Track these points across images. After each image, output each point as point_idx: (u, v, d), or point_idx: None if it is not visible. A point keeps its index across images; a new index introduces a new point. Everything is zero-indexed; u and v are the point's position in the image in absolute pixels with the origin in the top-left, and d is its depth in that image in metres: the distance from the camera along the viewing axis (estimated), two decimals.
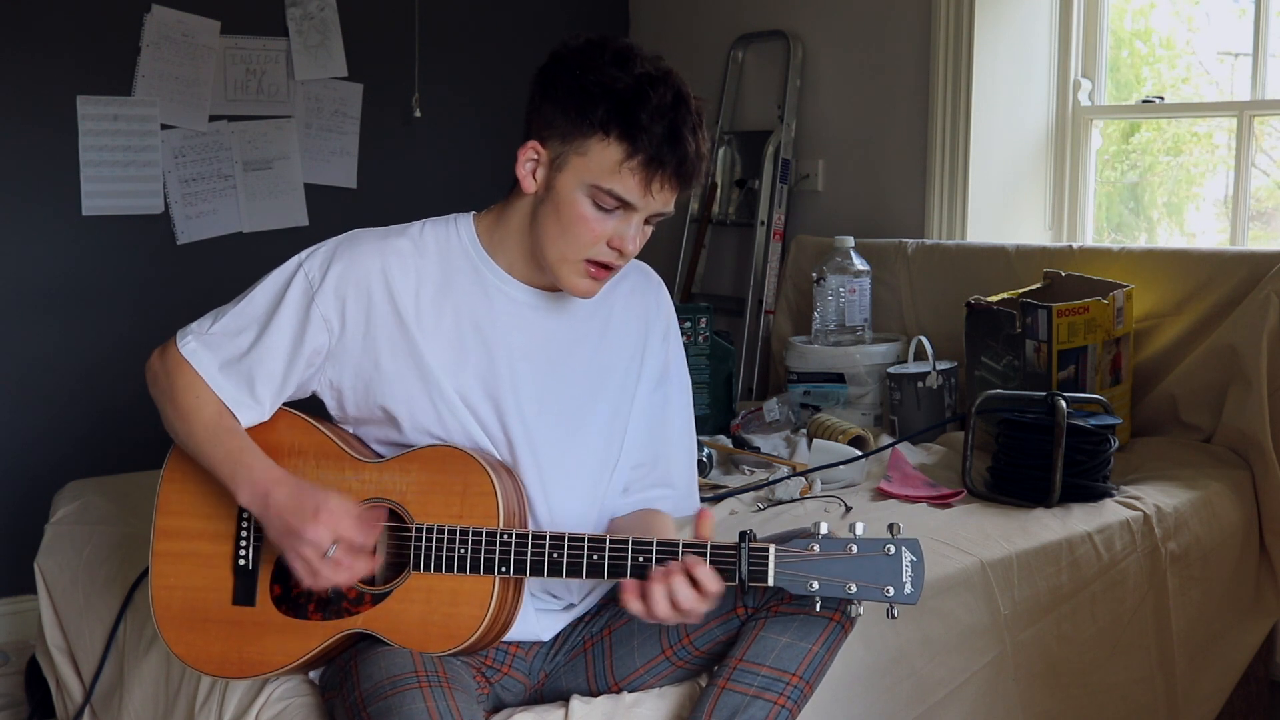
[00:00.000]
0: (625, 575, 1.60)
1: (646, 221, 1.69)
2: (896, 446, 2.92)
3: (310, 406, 1.79)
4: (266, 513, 1.64)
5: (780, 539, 1.65)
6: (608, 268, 1.69)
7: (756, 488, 2.70)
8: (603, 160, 1.62)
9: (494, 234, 1.76)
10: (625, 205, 1.64)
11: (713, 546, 1.58)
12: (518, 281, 1.76)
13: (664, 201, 1.66)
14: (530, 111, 1.69)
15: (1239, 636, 2.72)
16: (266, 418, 1.74)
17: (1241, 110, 3.18)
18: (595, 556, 1.61)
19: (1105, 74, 3.51)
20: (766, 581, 1.56)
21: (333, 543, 1.59)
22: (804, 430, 3.06)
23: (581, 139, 1.63)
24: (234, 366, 1.71)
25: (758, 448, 2.96)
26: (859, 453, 2.80)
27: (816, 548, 1.56)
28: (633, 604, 1.58)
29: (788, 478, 2.70)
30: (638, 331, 1.86)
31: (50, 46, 3.41)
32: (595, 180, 1.62)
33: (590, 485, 1.81)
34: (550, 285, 1.76)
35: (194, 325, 1.75)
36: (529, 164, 1.68)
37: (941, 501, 2.58)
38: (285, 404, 1.77)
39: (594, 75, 1.62)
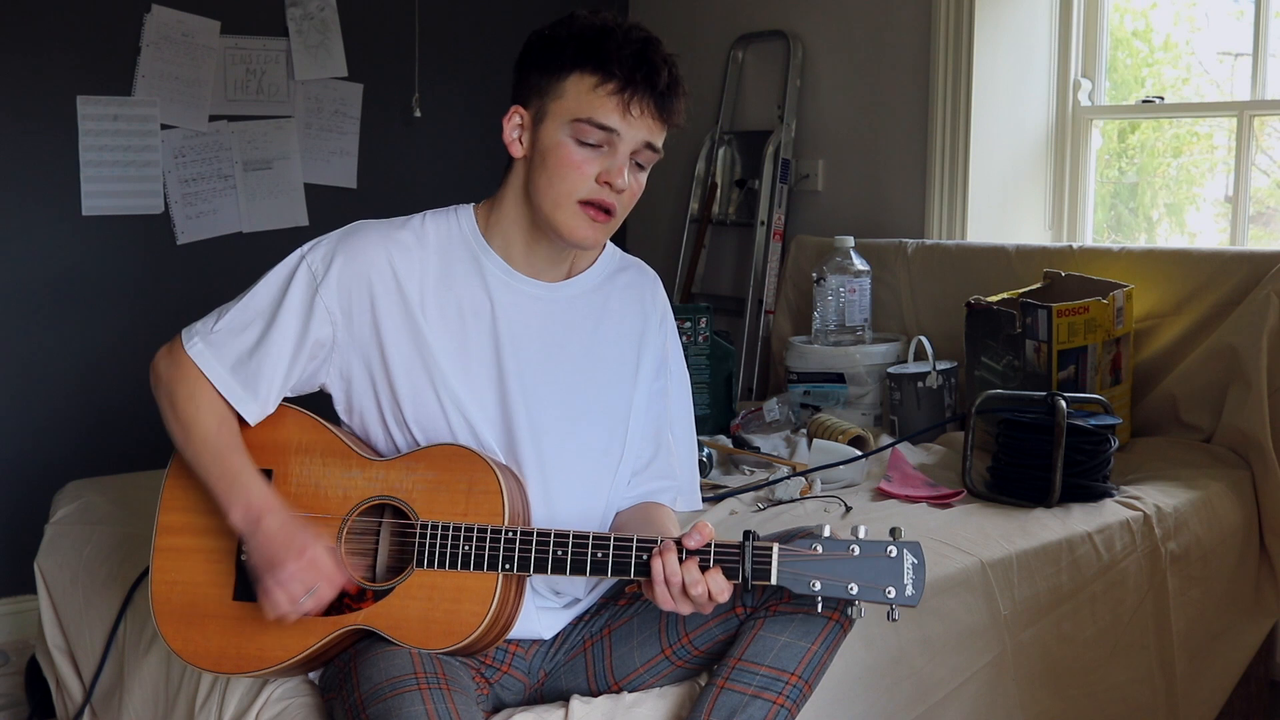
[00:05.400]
0: (629, 573, 1.61)
1: (636, 163, 1.71)
2: (896, 446, 2.93)
3: (316, 406, 1.79)
4: (255, 537, 1.65)
5: (782, 538, 1.66)
6: (604, 209, 1.70)
7: (756, 488, 2.70)
8: (579, 92, 1.67)
9: (490, 220, 1.78)
10: (608, 134, 1.67)
11: (716, 545, 1.59)
12: (515, 270, 1.77)
13: (646, 129, 1.68)
14: (513, 87, 1.75)
15: (1239, 636, 2.72)
16: (271, 411, 1.75)
17: (1241, 110, 3.18)
18: (599, 554, 1.62)
19: (1105, 74, 3.51)
20: (770, 580, 1.56)
21: (308, 591, 1.62)
22: (804, 430, 3.06)
23: (557, 83, 1.68)
24: (242, 366, 1.71)
25: (758, 448, 2.96)
26: (859, 453, 2.80)
27: (819, 548, 1.57)
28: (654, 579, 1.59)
29: (788, 478, 2.70)
30: (634, 323, 1.86)
31: (50, 46, 3.41)
32: (575, 114, 1.67)
33: (593, 477, 1.81)
34: (544, 269, 1.78)
35: (198, 325, 1.75)
36: (514, 130, 1.73)
37: (941, 501, 2.58)
38: (293, 402, 1.78)
39: (563, 28, 1.69)
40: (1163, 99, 3.40)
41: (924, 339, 3.17)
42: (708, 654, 1.75)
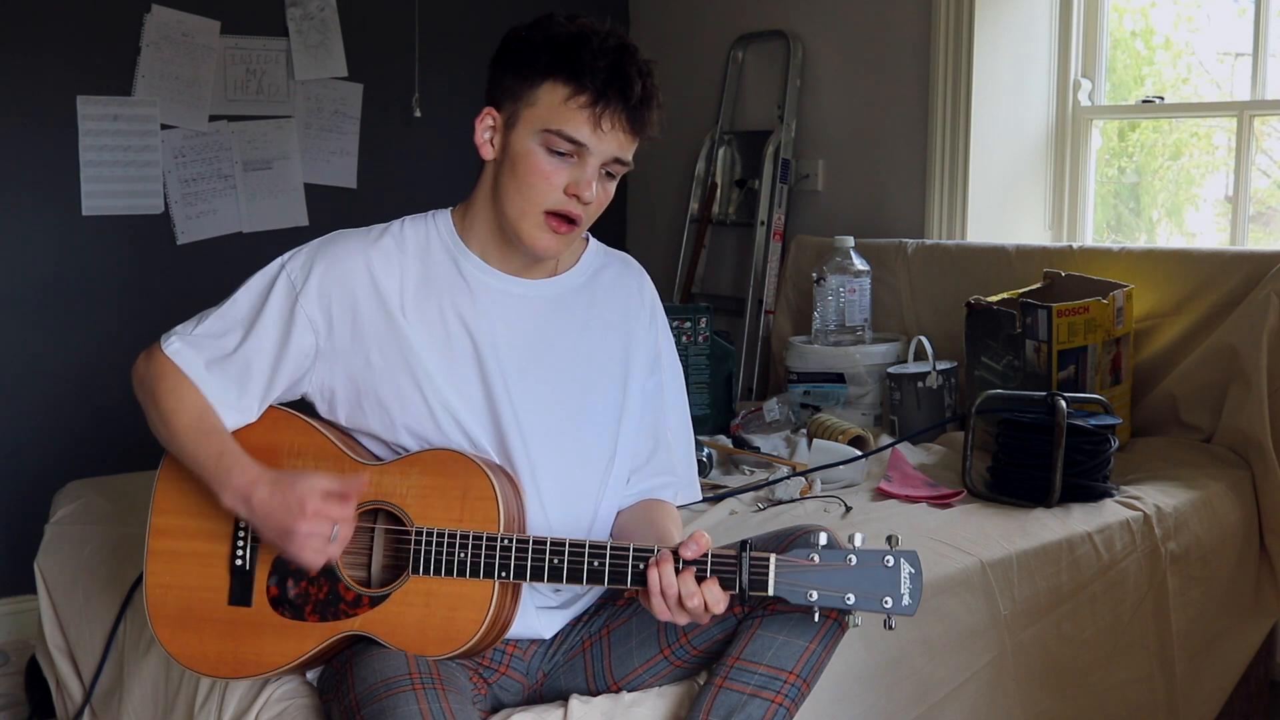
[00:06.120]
0: (625, 582, 1.60)
1: (606, 173, 1.70)
2: (896, 446, 2.92)
3: (309, 409, 1.79)
4: (253, 515, 1.64)
5: (779, 537, 1.65)
6: (569, 220, 1.69)
7: (756, 488, 2.70)
8: (551, 102, 1.65)
9: (466, 222, 1.78)
10: (578, 147, 1.65)
11: (713, 555, 1.58)
12: (495, 269, 1.77)
13: (617, 144, 1.67)
14: (487, 87, 1.73)
15: (1239, 636, 2.72)
16: (253, 419, 1.74)
17: (1241, 110, 3.18)
18: (595, 563, 1.61)
19: (1105, 74, 3.51)
20: (766, 591, 1.56)
21: (329, 538, 1.60)
22: (804, 430, 3.06)
23: (530, 90, 1.67)
24: (219, 366, 1.71)
25: (758, 448, 2.96)
26: (859, 453, 2.80)
27: (816, 558, 1.56)
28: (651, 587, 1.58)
29: (788, 478, 2.70)
30: (621, 319, 1.85)
31: (50, 46, 3.41)
32: (545, 124, 1.65)
33: (585, 476, 1.80)
34: (524, 268, 1.77)
35: (178, 328, 1.75)
36: (486, 131, 1.72)
37: (941, 501, 2.58)
38: (286, 405, 1.78)
39: (540, 32, 1.67)
40: (1163, 99, 3.40)
41: (924, 339, 3.16)
42: (706, 653, 1.75)
